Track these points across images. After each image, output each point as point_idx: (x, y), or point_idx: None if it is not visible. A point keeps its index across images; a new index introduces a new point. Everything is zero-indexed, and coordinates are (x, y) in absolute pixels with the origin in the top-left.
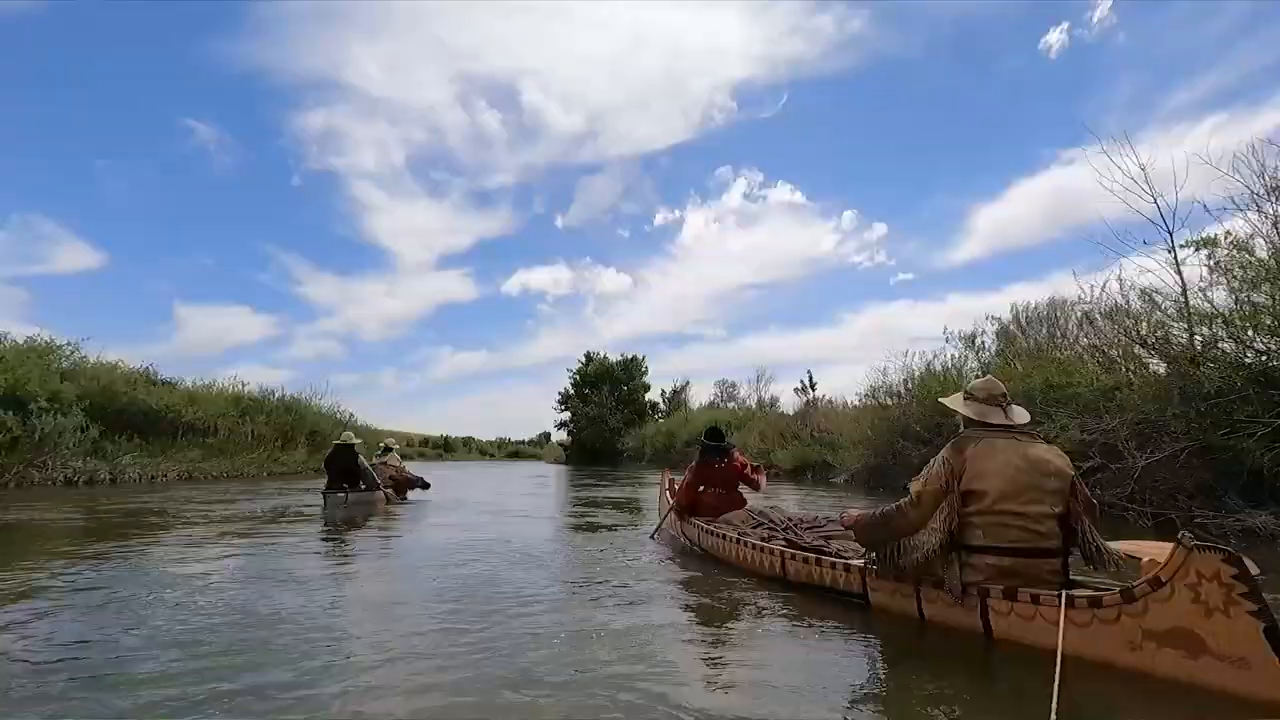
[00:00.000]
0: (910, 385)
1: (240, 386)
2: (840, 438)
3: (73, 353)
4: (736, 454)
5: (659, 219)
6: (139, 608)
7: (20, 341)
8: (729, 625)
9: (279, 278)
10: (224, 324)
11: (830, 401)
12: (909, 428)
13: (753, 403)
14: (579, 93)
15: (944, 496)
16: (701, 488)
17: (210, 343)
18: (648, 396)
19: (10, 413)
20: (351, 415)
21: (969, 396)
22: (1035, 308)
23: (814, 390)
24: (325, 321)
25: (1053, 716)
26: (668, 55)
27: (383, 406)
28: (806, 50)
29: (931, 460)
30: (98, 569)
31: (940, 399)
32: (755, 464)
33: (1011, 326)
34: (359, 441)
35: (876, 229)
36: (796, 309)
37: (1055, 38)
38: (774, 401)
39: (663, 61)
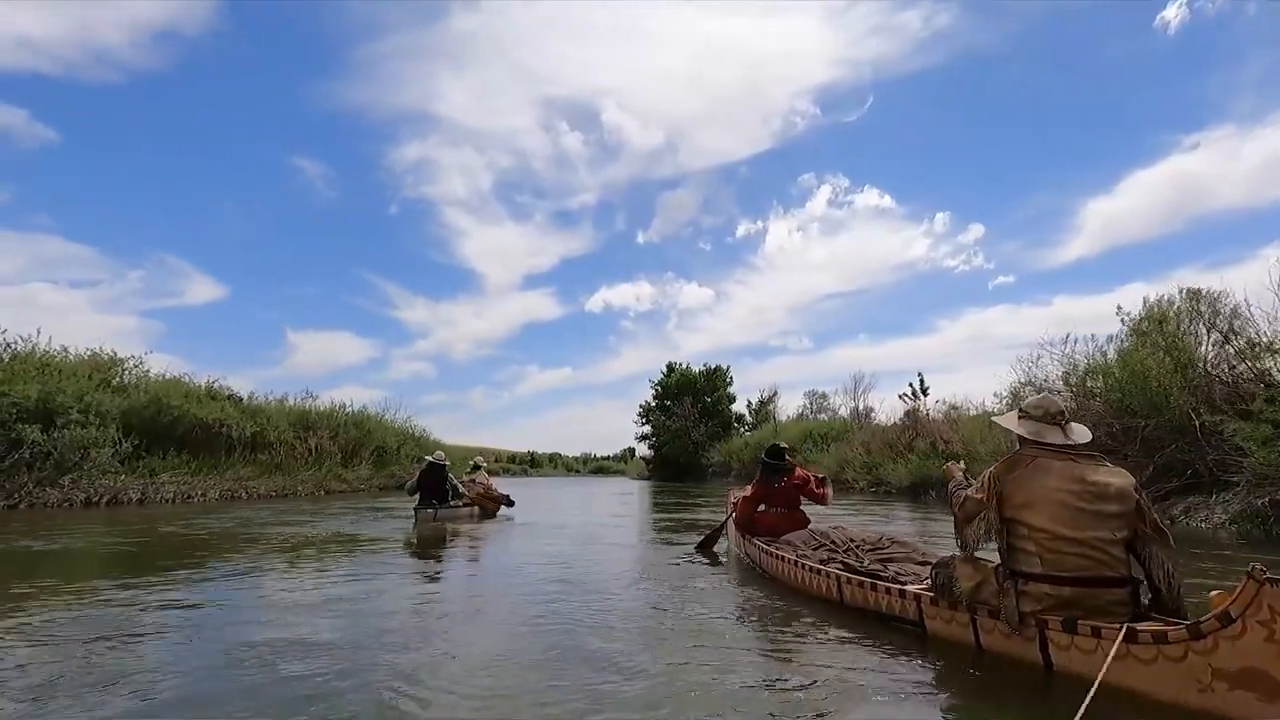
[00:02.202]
0: (1073, 380)
1: (311, 401)
2: (977, 449)
3: (136, 367)
4: (798, 470)
5: (741, 230)
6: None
7: (85, 355)
8: (786, 650)
9: (377, 303)
10: (329, 348)
11: (955, 407)
12: None
13: (846, 412)
14: (657, 108)
15: (980, 510)
16: (762, 507)
17: (318, 366)
18: (733, 408)
19: (36, 426)
20: (425, 430)
21: (1024, 415)
22: (1171, 300)
23: (925, 396)
24: (420, 343)
25: None
26: (744, 65)
27: (471, 424)
28: (892, 49)
29: (985, 471)
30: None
31: (993, 418)
32: (820, 475)
33: (1144, 324)
34: (449, 462)
35: (972, 230)
36: (887, 317)
37: (1173, 13)
38: (869, 412)
39: (740, 71)
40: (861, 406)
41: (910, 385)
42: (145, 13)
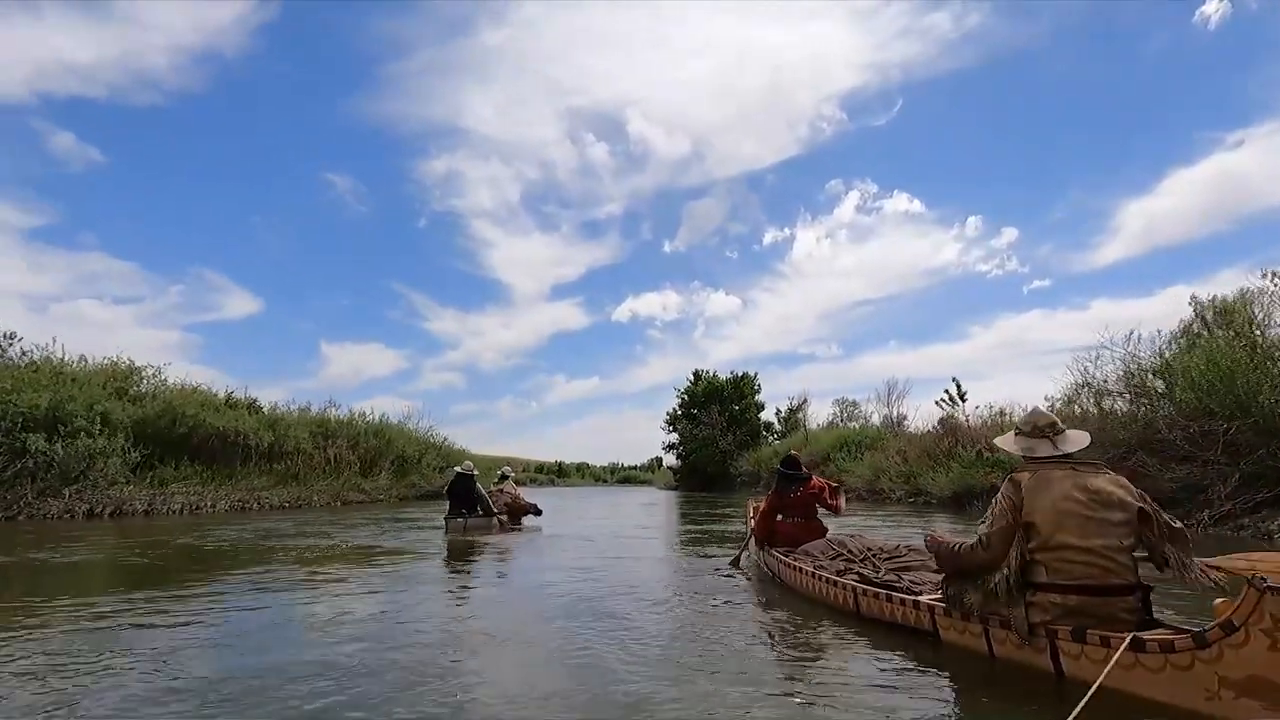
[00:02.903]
0: (1138, 378)
1: (332, 410)
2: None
3: (154, 376)
4: (814, 479)
5: (767, 238)
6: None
7: (103, 364)
8: (804, 664)
9: (408, 314)
10: (361, 359)
11: (1003, 412)
12: (1154, 438)
13: (877, 420)
14: (683, 117)
15: (1013, 533)
16: (780, 516)
17: (351, 377)
18: (761, 417)
19: (41, 435)
20: (447, 440)
21: (1018, 432)
22: (1223, 300)
23: (964, 401)
24: (449, 354)
25: None
26: (770, 71)
27: (500, 433)
28: (921, 51)
29: (994, 499)
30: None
31: (994, 440)
32: (834, 485)
33: (1196, 325)
34: (477, 472)
35: (1005, 234)
36: (919, 324)
37: (1213, 8)
38: (902, 419)
39: (766, 78)
40: (895, 414)
41: (946, 391)
42: (186, 36)
